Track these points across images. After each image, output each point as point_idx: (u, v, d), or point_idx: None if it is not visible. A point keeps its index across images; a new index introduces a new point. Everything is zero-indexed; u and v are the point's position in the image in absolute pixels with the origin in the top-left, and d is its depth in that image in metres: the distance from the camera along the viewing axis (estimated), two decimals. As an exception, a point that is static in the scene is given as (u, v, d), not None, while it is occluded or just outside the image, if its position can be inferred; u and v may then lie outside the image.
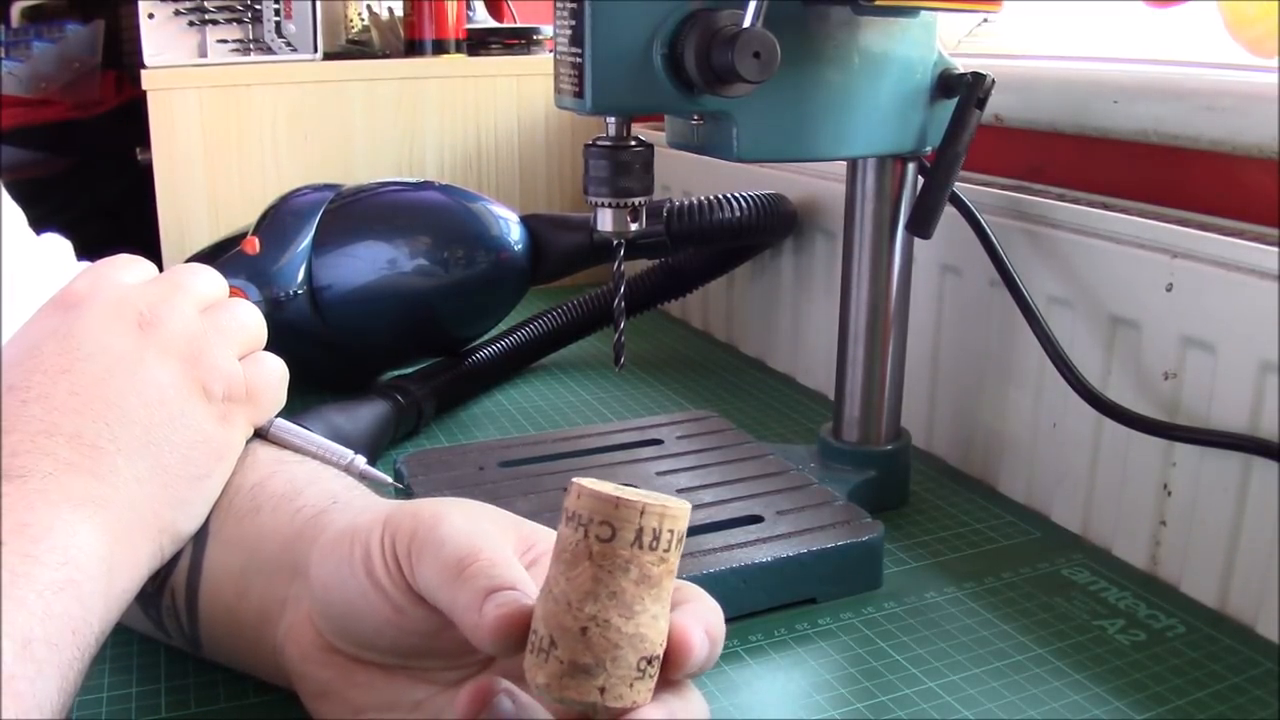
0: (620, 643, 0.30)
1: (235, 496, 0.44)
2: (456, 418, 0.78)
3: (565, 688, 0.30)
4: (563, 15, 0.49)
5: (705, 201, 0.80)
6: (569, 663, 0.30)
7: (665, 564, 0.31)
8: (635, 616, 0.30)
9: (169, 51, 1.01)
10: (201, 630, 0.44)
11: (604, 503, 0.30)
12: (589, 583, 0.30)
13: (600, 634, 0.30)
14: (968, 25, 0.82)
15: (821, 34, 0.52)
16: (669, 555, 0.31)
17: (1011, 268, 0.60)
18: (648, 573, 0.30)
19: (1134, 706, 0.45)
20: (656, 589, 0.31)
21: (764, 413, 0.79)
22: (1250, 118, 0.54)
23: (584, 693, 0.30)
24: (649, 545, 0.30)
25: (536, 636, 0.31)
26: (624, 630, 0.30)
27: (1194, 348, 0.53)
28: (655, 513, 0.30)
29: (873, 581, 0.55)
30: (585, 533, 0.30)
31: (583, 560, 0.30)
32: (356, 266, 0.75)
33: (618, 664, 0.30)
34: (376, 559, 0.36)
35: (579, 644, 0.30)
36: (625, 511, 0.30)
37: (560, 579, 0.30)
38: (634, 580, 0.30)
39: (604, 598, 0.30)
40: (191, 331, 0.43)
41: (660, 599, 0.31)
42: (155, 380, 0.41)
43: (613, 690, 0.30)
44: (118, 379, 0.40)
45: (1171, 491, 0.55)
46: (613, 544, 0.30)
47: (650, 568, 0.30)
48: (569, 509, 0.31)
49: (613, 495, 0.30)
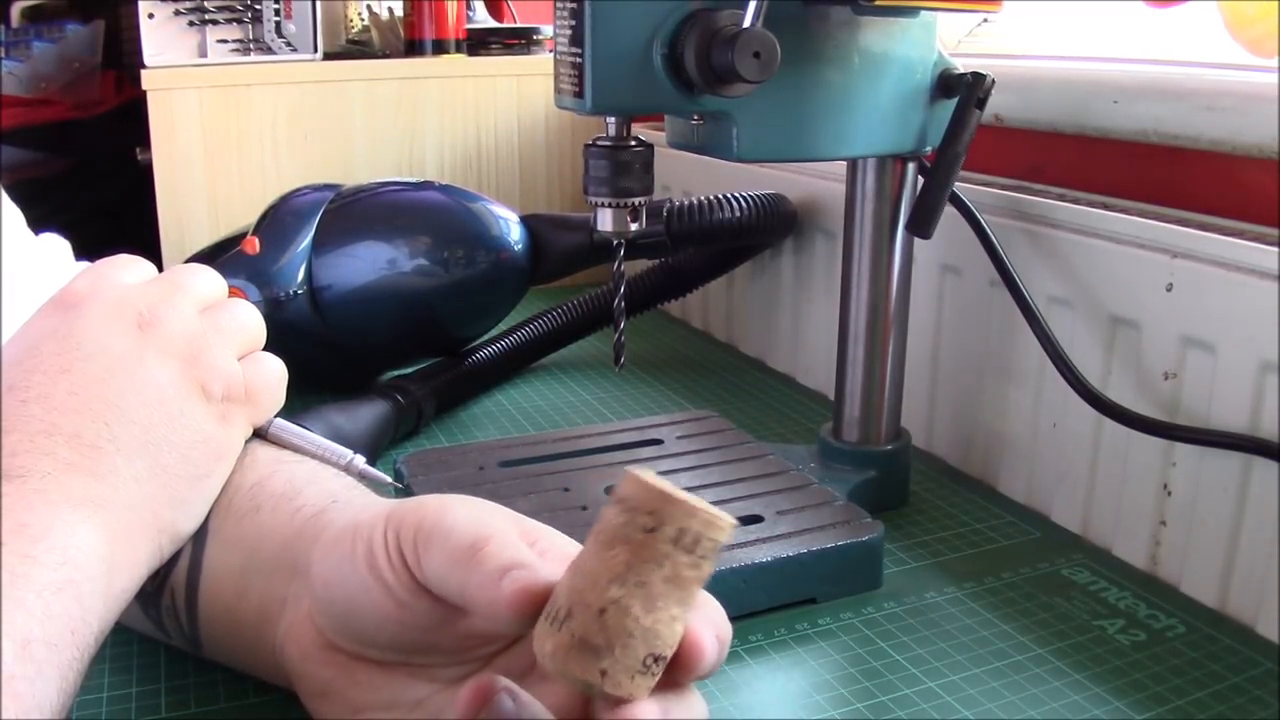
0: (634, 632, 0.30)
1: (235, 496, 0.44)
2: (456, 418, 0.78)
3: (570, 660, 0.30)
4: (563, 15, 0.49)
5: (705, 201, 0.80)
6: (580, 638, 0.30)
7: (698, 570, 0.31)
8: (655, 612, 0.30)
9: (169, 51, 1.01)
10: (201, 630, 0.44)
11: (654, 495, 0.30)
12: (620, 567, 0.30)
13: (617, 619, 0.30)
14: (968, 25, 0.82)
15: (821, 34, 0.52)
16: (703, 563, 0.31)
17: (1011, 268, 0.60)
18: (679, 574, 0.30)
19: (1134, 706, 0.45)
20: (683, 592, 0.31)
21: (764, 413, 0.79)
22: (1250, 118, 0.54)
23: (586, 670, 0.30)
24: (687, 547, 0.30)
25: (554, 607, 0.31)
26: (641, 622, 0.30)
27: (1194, 348, 0.53)
28: (702, 519, 0.30)
29: (873, 581, 0.55)
30: (629, 519, 0.30)
31: (620, 545, 0.30)
32: (356, 266, 0.75)
33: (626, 652, 0.30)
34: (380, 553, 0.36)
35: (594, 623, 0.30)
36: (673, 509, 0.30)
37: (593, 557, 0.31)
38: (664, 577, 0.30)
39: (631, 585, 0.30)
40: (191, 332, 0.43)
41: (684, 603, 0.31)
42: (154, 380, 0.41)
43: (613, 676, 0.30)
44: (117, 379, 0.40)
45: (1171, 491, 0.55)
46: (653, 536, 0.30)
47: (683, 569, 0.30)
48: (619, 493, 0.31)
49: (665, 490, 0.30)
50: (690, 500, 0.30)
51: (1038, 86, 0.66)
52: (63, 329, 0.40)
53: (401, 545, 0.36)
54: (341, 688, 0.38)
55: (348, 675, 0.38)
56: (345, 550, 0.37)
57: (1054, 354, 0.58)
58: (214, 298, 0.45)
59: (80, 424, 0.38)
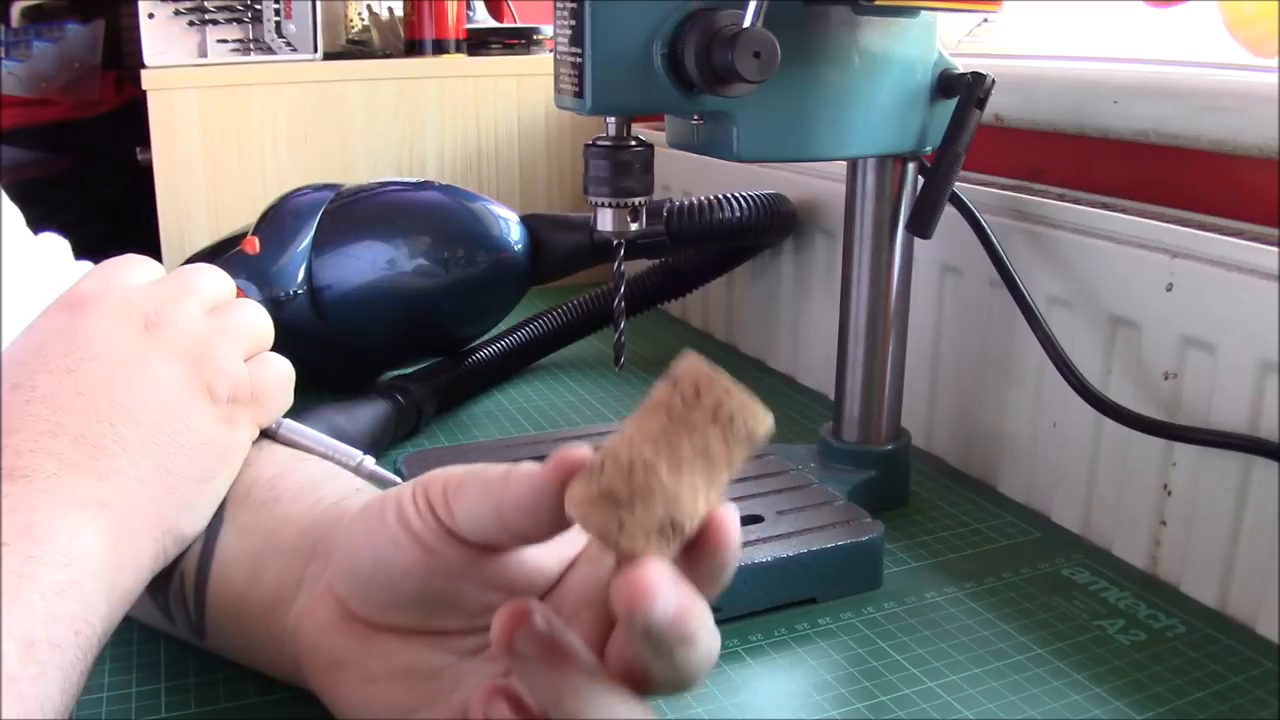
0: (655, 489, 0.31)
1: (253, 487, 0.44)
2: (456, 418, 0.78)
3: (591, 508, 0.31)
4: (563, 15, 0.49)
5: (705, 201, 0.80)
6: (605, 489, 0.31)
7: (727, 450, 0.32)
8: (680, 477, 0.31)
9: (169, 51, 1.01)
10: (208, 615, 0.44)
11: (700, 369, 0.32)
12: (655, 430, 0.31)
13: (643, 475, 0.31)
14: (968, 25, 0.82)
15: (821, 34, 0.52)
16: (734, 446, 0.32)
17: (1011, 268, 0.60)
18: (710, 447, 0.32)
19: (1134, 706, 0.45)
20: (710, 468, 0.32)
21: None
22: (1250, 118, 0.54)
23: (604, 520, 0.31)
24: (722, 423, 0.32)
25: (592, 463, 0.32)
26: (665, 482, 0.31)
27: (1194, 348, 0.53)
28: (741, 401, 0.32)
29: (873, 581, 0.55)
30: (673, 388, 0.32)
31: (660, 411, 0.32)
32: (356, 266, 0.75)
33: (645, 508, 0.31)
34: (409, 508, 0.37)
35: (621, 475, 0.31)
36: (714, 384, 0.32)
37: (634, 421, 0.32)
38: (695, 447, 0.31)
39: (662, 447, 0.31)
40: (197, 333, 0.43)
41: (709, 478, 0.32)
42: (160, 381, 0.41)
43: (629, 529, 0.31)
44: (123, 380, 0.40)
45: (1171, 491, 0.55)
46: (692, 406, 0.31)
47: (714, 444, 0.32)
48: (672, 369, 0.32)
49: (711, 370, 0.32)
50: (734, 384, 0.32)
51: (1038, 86, 0.66)
52: (69, 329, 0.40)
53: (430, 499, 0.37)
54: (357, 658, 0.38)
55: (364, 645, 0.38)
56: (374, 513, 0.38)
57: (1054, 354, 0.58)
58: (222, 298, 0.45)
59: (85, 424, 0.38)
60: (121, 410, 0.39)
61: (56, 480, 0.36)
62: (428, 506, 0.37)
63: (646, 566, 0.30)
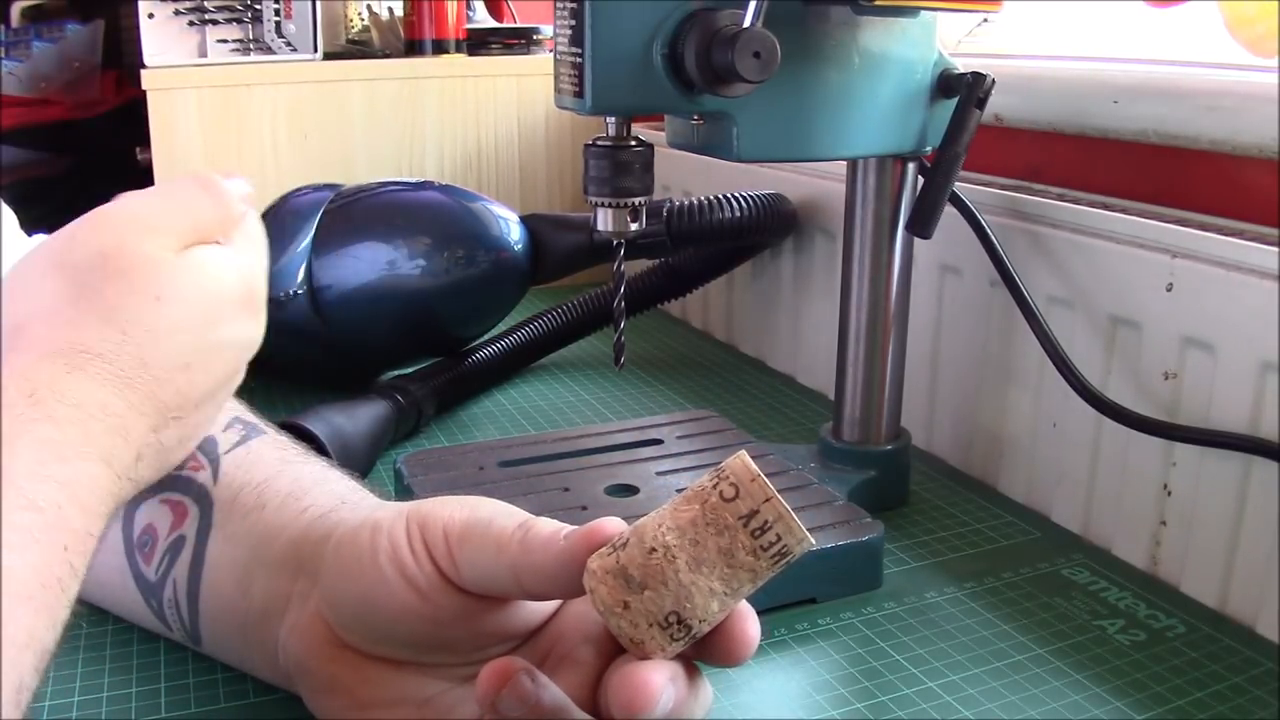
0: (669, 582, 0.31)
1: (240, 492, 0.44)
2: (456, 418, 0.78)
3: (602, 582, 0.31)
4: (563, 15, 0.49)
5: (705, 201, 0.80)
6: (621, 567, 0.31)
7: (755, 559, 0.31)
8: (698, 575, 0.31)
9: (169, 51, 1.01)
10: (201, 624, 0.44)
11: (744, 471, 0.31)
12: (686, 522, 0.31)
13: (661, 562, 0.31)
14: (968, 25, 0.82)
15: (821, 34, 0.52)
16: (763, 557, 0.31)
17: (1011, 268, 0.60)
18: (736, 551, 0.31)
19: (1134, 706, 0.45)
20: (732, 571, 0.31)
21: (764, 413, 0.79)
22: (1250, 118, 0.54)
23: (612, 595, 0.31)
24: (754, 531, 0.31)
25: (620, 537, 0.32)
26: (680, 576, 0.31)
27: (1194, 348, 0.53)
28: (778, 511, 0.31)
29: (873, 581, 0.55)
30: (715, 484, 0.31)
31: (696, 504, 0.31)
32: (356, 266, 0.75)
33: (655, 598, 0.31)
34: (404, 551, 0.36)
35: (640, 558, 0.31)
36: (755, 489, 0.31)
37: (670, 507, 0.32)
38: (721, 548, 0.31)
39: (688, 540, 0.31)
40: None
41: (729, 583, 0.31)
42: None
43: (633, 615, 0.31)
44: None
45: (1171, 491, 0.55)
46: (727, 506, 0.31)
47: (741, 549, 0.31)
48: (722, 465, 0.32)
49: (759, 474, 0.31)
50: (777, 495, 0.31)
51: (1038, 86, 0.66)
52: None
53: (429, 544, 0.36)
54: (349, 684, 0.38)
55: (356, 672, 0.38)
56: (363, 546, 0.37)
57: (1054, 354, 0.58)
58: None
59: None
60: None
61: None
62: (425, 552, 0.36)
63: (648, 669, 0.30)
